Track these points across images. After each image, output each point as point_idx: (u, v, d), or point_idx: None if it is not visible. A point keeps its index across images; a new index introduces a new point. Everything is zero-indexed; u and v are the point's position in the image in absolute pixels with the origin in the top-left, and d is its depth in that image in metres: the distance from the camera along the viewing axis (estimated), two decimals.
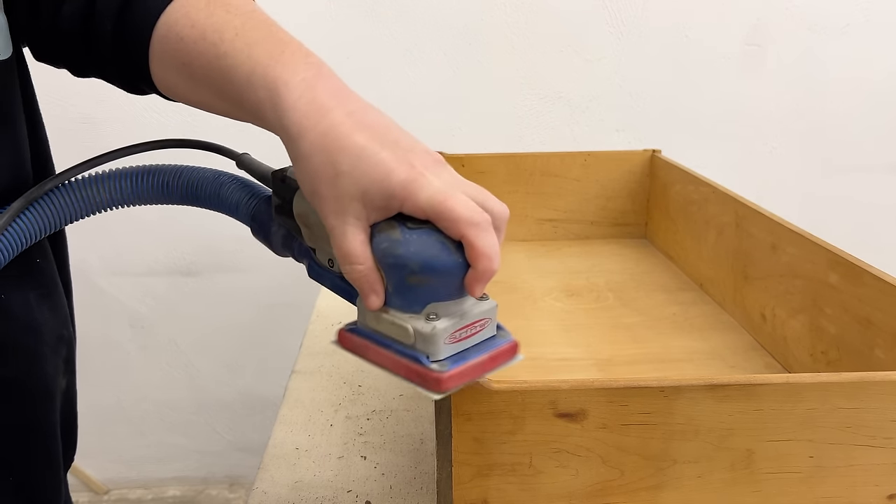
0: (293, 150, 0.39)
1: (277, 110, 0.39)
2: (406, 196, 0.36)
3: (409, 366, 0.40)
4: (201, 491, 1.68)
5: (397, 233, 0.38)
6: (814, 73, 1.37)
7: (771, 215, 0.73)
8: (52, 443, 0.52)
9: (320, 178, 0.37)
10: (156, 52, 0.44)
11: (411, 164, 0.37)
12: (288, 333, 1.52)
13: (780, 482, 0.44)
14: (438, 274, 0.38)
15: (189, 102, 0.47)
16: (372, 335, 0.42)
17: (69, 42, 0.47)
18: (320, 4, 1.29)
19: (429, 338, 0.39)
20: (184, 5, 0.43)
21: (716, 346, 0.75)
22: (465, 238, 0.36)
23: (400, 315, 0.40)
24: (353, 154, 0.37)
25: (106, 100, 1.34)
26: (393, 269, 0.38)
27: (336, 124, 0.37)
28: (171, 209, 1.41)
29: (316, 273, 0.47)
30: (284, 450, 0.65)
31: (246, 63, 0.40)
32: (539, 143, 1.39)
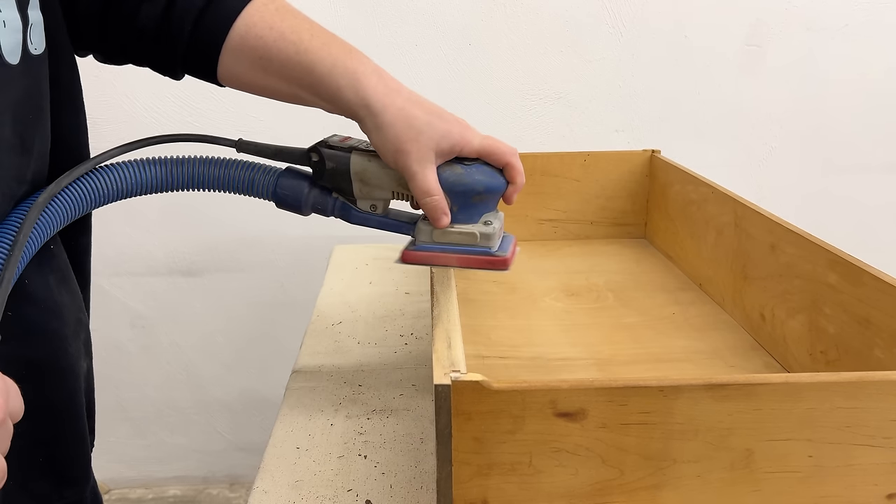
0: (378, 119, 0.52)
1: (360, 93, 0.52)
2: (465, 143, 0.55)
3: (479, 258, 0.58)
4: (202, 490, 1.68)
5: (459, 169, 0.56)
6: (813, 73, 1.37)
7: (770, 215, 0.73)
8: (79, 422, 0.55)
9: (404, 138, 0.52)
10: (230, 48, 0.54)
11: (459, 123, 0.55)
12: (288, 333, 1.52)
13: (779, 482, 0.44)
14: (494, 191, 0.57)
15: (251, 89, 0.57)
16: (435, 247, 0.58)
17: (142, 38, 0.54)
18: (320, 4, 1.29)
19: (491, 235, 0.58)
20: (258, 10, 0.54)
21: (715, 346, 0.75)
22: (509, 164, 0.56)
23: (464, 226, 0.57)
24: (424, 120, 0.53)
25: (106, 100, 1.34)
26: (462, 193, 0.56)
27: (405, 101, 0.53)
28: (172, 209, 1.42)
29: (360, 219, 0.60)
30: (285, 449, 0.65)
31: (327, 58, 0.53)
32: (539, 144, 1.39)
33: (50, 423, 0.52)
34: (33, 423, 0.50)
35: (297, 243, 1.44)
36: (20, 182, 0.48)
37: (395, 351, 0.83)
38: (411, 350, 0.83)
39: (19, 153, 0.47)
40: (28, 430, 0.49)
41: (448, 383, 0.41)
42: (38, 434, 0.51)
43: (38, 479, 0.52)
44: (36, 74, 0.48)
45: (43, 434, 0.51)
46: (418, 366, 0.80)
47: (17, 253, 0.43)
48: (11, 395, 0.35)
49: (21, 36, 0.45)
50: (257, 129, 1.34)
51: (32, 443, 0.50)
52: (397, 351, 0.83)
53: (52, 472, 0.53)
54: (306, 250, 1.45)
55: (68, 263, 0.55)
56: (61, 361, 0.52)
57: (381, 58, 1.48)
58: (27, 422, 0.46)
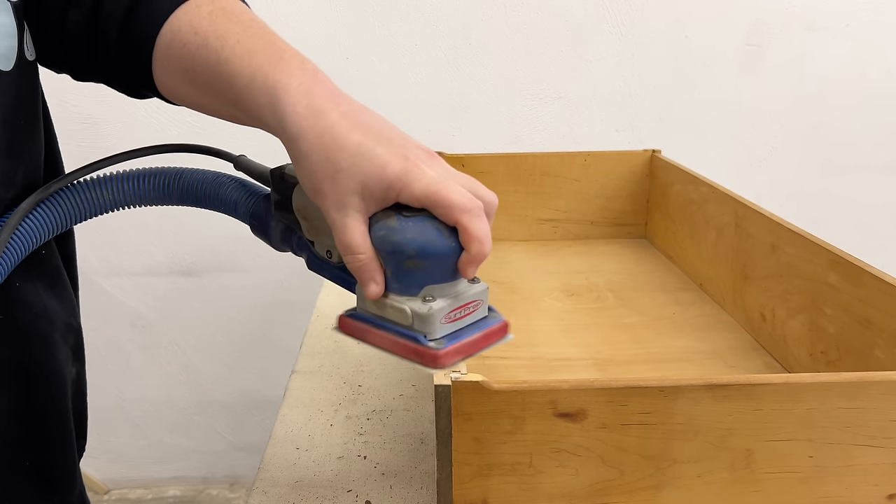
0: (293, 150, 0.41)
1: (277, 113, 0.41)
2: (402, 186, 0.39)
3: (408, 345, 0.42)
4: (201, 491, 1.68)
5: (394, 221, 0.41)
6: (813, 73, 1.37)
7: (770, 215, 0.73)
8: (66, 427, 0.54)
9: (321, 175, 0.40)
10: (159, 57, 0.46)
11: (406, 156, 0.39)
12: (288, 333, 1.52)
13: (779, 482, 0.44)
14: (433, 258, 0.41)
15: (191, 106, 0.49)
16: (371, 319, 0.45)
17: (74, 47, 0.49)
18: (321, 5, 1.29)
19: (426, 318, 0.42)
20: (187, 13, 0.46)
21: (716, 346, 0.75)
22: (459, 223, 0.39)
23: (398, 298, 0.42)
24: (350, 151, 0.39)
25: (106, 101, 1.34)
26: (391, 255, 0.41)
27: (332, 125, 0.40)
28: (172, 210, 1.42)
29: (315, 265, 0.50)
30: (284, 449, 0.65)
31: (247, 69, 0.42)
32: (539, 143, 1.39)
33: (35, 428, 0.51)
34: (18, 427, 0.49)
35: None
36: (7, 186, 0.46)
37: None
38: None
39: (6, 157, 0.46)
40: (13, 434, 0.49)
41: (448, 383, 0.41)
42: (23, 438, 0.50)
43: (23, 483, 0.51)
44: (31, 79, 0.47)
45: (28, 438, 0.51)
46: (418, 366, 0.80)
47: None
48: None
49: (16, 41, 0.44)
50: (257, 131, 1.34)
51: (17, 447, 0.50)
52: None
53: (38, 478, 0.52)
54: None
55: (61, 268, 0.54)
56: (49, 366, 0.52)
57: (381, 58, 1.49)
58: (12, 424, 0.46)
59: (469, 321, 0.44)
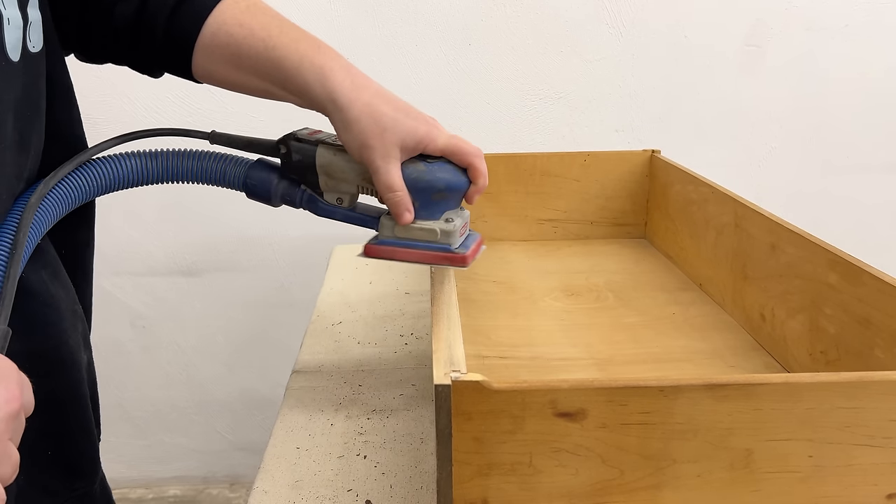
0: (344, 115, 0.53)
1: (327, 88, 0.53)
2: (430, 141, 0.55)
3: (439, 254, 0.59)
4: (202, 490, 1.68)
5: (422, 166, 0.56)
6: (813, 73, 1.37)
7: (770, 215, 0.73)
8: (84, 414, 0.56)
9: (369, 134, 0.53)
10: (202, 45, 0.55)
11: (426, 121, 0.56)
12: (288, 333, 1.52)
13: (779, 482, 0.44)
14: (455, 190, 0.57)
15: (224, 84, 0.58)
16: (398, 242, 0.59)
17: (117, 37, 0.55)
18: (321, 4, 1.29)
19: (451, 233, 0.58)
20: (229, 8, 0.55)
21: (715, 346, 0.75)
22: (471, 165, 0.57)
23: (425, 223, 0.58)
24: (390, 116, 0.53)
25: (106, 101, 1.34)
26: (423, 190, 0.57)
27: (371, 97, 0.54)
28: (172, 210, 1.42)
29: (325, 212, 0.60)
30: (285, 449, 0.65)
31: (295, 54, 0.53)
32: (539, 144, 1.39)
33: (56, 416, 0.52)
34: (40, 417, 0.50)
35: (297, 243, 1.45)
36: (20, 179, 0.48)
37: (395, 351, 0.83)
38: (411, 350, 0.83)
39: (20, 151, 0.47)
40: (35, 424, 0.50)
41: (448, 383, 0.41)
42: (45, 427, 0.51)
43: (47, 472, 0.52)
44: (34, 72, 0.48)
45: (50, 427, 0.52)
46: (418, 366, 0.80)
47: (20, 252, 0.44)
48: (25, 389, 0.36)
49: (21, 33, 0.46)
50: (258, 129, 1.33)
51: (40, 436, 0.50)
52: (397, 351, 0.83)
53: (61, 466, 0.53)
54: (306, 250, 1.45)
55: (57, 258, 0.55)
56: (62, 353, 0.53)
57: (382, 58, 1.49)
58: (34, 415, 0.47)
59: (466, 234, 0.61)
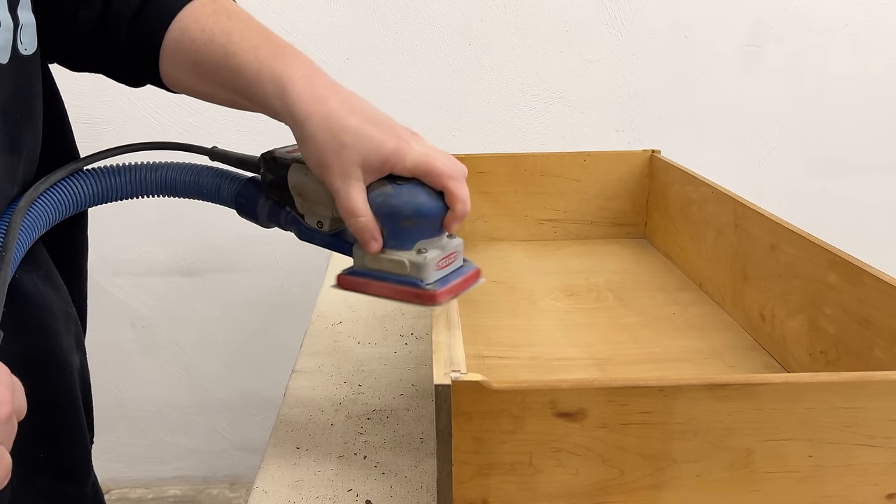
0: (301, 131, 0.48)
1: (285, 100, 0.48)
2: (397, 160, 0.47)
3: (407, 290, 0.51)
4: (202, 490, 1.68)
5: (389, 188, 0.49)
6: (813, 73, 1.37)
7: (770, 215, 0.73)
8: (76, 418, 0.55)
9: (327, 151, 0.47)
10: (167, 52, 0.51)
11: (397, 135, 0.48)
12: (288, 333, 1.52)
13: (779, 482, 0.44)
14: (425, 216, 0.49)
15: (194, 94, 0.54)
16: (369, 273, 0.52)
17: (81, 42, 0.52)
18: (321, 5, 1.29)
19: (422, 266, 0.50)
20: (193, 11, 0.51)
21: (715, 346, 0.75)
22: (445, 188, 0.48)
23: (395, 253, 0.50)
24: (351, 131, 0.47)
25: (106, 101, 1.34)
26: (389, 216, 0.49)
27: (334, 109, 0.47)
28: (172, 210, 1.42)
29: (306, 235, 0.57)
30: (285, 449, 0.65)
31: (254, 62, 0.49)
32: (539, 144, 1.39)
33: (48, 419, 0.52)
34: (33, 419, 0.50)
35: (297, 243, 1.44)
36: (13, 182, 0.48)
37: (395, 351, 0.83)
38: (411, 350, 0.83)
39: (8, 153, 0.47)
40: (28, 426, 0.50)
41: (448, 383, 0.42)
42: (38, 429, 0.51)
43: (40, 474, 0.52)
44: (26, 75, 0.48)
45: (42, 429, 0.52)
46: (418, 366, 0.80)
47: (9, 254, 0.44)
48: (17, 393, 0.36)
49: (10, 35, 0.45)
50: (258, 129, 1.34)
51: (32, 438, 0.50)
52: (397, 351, 0.83)
53: (53, 468, 0.53)
54: (306, 250, 1.44)
55: (49, 260, 0.55)
56: (56, 356, 0.53)
57: (381, 58, 1.49)
58: (27, 417, 0.46)
59: (452, 268, 0.53)
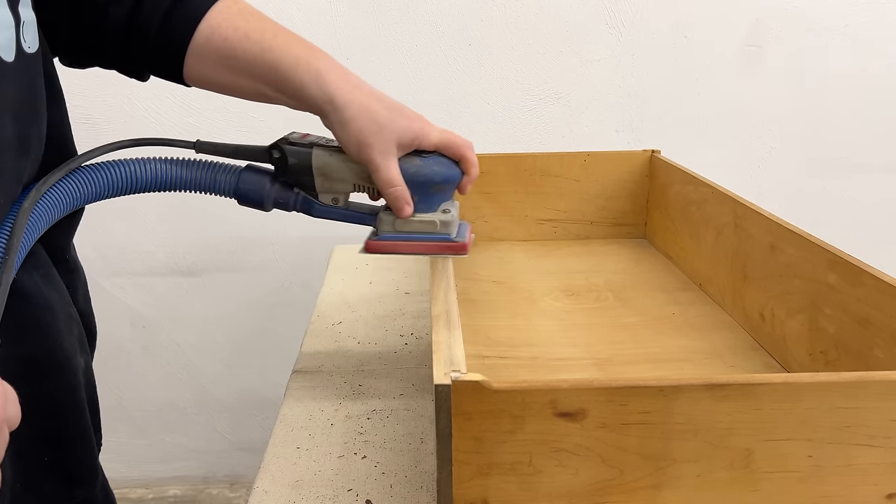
0: (341, 114, 0.55)
1: (324, 88, 0.54)
2: (424, 136, 0.58)
3: (439, 244, 0.61)
4: (202, 490, 1.68)
5: (419, 161, 0.59)
6: (813, 73, 1.37)
7: (770, 215, 0.73)
8: (82, 420, 0.55)
9: (367, 132, 0.55)
10: (195, 49, 0.55)
11: (419, 117, 0.59)
12: (288, 333, 1.52)
13: (779, 482, 0.44)
14: (450, 181, 0.60)
15: (215, 87, 0.58)
16: (398, 236, 0.61)
17: (108, 40, 0.55)
18: (321, 5, 1.29)
19: (449, 223, 0.61)
20: (221, 11, 0.55)
21: (715, 346, 0.76)
22: (464, 156, 0.60)
23: (424, 215, 0.60)
24: (385, 116, 0.56)
25: (106, 100, 1.34)
26: (421, 184, 0.59)
27: (367, 97, 0.56)
28: (172, 210, 1.42)
29: (322, 212, 0.62)
30: (285, 449, 0.65)
31: (290, 56, 0.55)
32: (539, 144, 1.39)
33: (52, 422, 0.52)
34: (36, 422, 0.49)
35: (297, 243, 1.45)
36: (19, 183, 0.48)
37: (395, 351, 0.83)
38: (411, 350, 0.83)
39: (20, 154, 0.47)
40: (30, 429, 0.49)
41: (448, 383, 0.42)
42: (41, 432, 0.50)
43: (45, 479, 0.52)
44: (31, 72, 0.48)
45: (46, 432, 0.51)
46: (418, 366, 0.80)
47: (13, 258, 0.43)
48: (9, 402, 0.35)
49: (13, 33, 0.45)
50: (258, 129, 1.34)
51: (36, 442, 0.50)
52: (397, 351, 0.83)
53: (59, 472, 0.53)
54: (306, 250, 1.45)
55: (49, 260, 0.55)
56: (58, 357, 0.52)
57: (381, 58, 1.49)
58: (29, 420, 0.46)
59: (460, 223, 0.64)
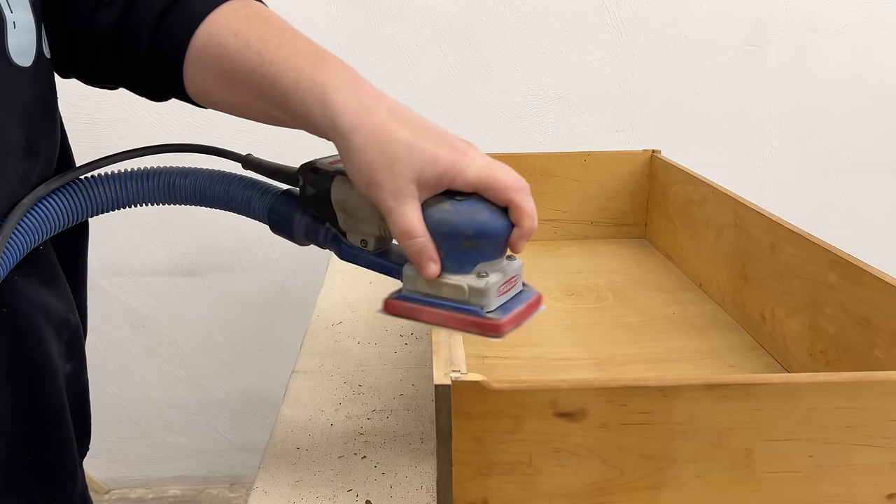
0: (346, 144, 0.43)
1: (327, 111, 0.43)
2: (456, 174, 0.42)
3: (466, 318, 0.45)
4: (202, 490, 1.68)
5: (448, 205, 0.44)
6: (813, 73, 1.37)
7: (770, 215, 0.73)
8: (63, 424, 0.54)
9: (377, 166, 0.42)
10: (193, 58, 0.47)
11: (454, 146, 0.43)
12: (288, 333, 1.52)
13: (779, 482, 0.44)
14: (489, 236, 0.44)
15: (222, 107, 0.50)
16: (422, 298, 0.47)
17: (99, 48, 0.49)
18: (321, 5, 1.29)
19: (483, 292, 0.45)
20: (224, 16, 0.47)
21: (715, 346, 0.75)
22: (512, 202, 0.43)
23: (453, 277, 0.45)
24: (403, 144, 0.42)
25: (106, 101, 1.34)
26: (448, 236, 0.44)
27: (382, 120, 0.43)
28: (173, 210, 1.42)
29: (349, 255, 0.51)
30: (285, 449, 0.65)
31: (293, 70, 0.44)
32: (539, 143, 1.39)
33: (33, 423, 0.51)
34: (20, 422, 0.49)
35: None
36: (25, 185, 0.47)
37: (395, 351, 0.83)
38: (411, 350, 0.83)
39: (26, 157, 0.46)
40: (15, 429, 0.49)
41: (448, 383, 0.41)
42: (24, 433, 0.50)
43: (27, 479, 0.51)
44: (47, 77, 0.47)
45: (29, 433, 0.51)
46: (418, 366, 0.80)
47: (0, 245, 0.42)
48: None
49: (35, 37, 0.44)
50: (257, 130, 1.34)
51: (19, 441, 0.50)
52: (397, 351, 0.83)
53: (40, 473, 0.52)
54: (306, 250, 1.44)
55: (56, 265, 0.54)
56: (40, 359, 0.51)
57: (381, 58, 1.49)
58: (15, 422, 0.46)
59: (513, 293, 0.47)
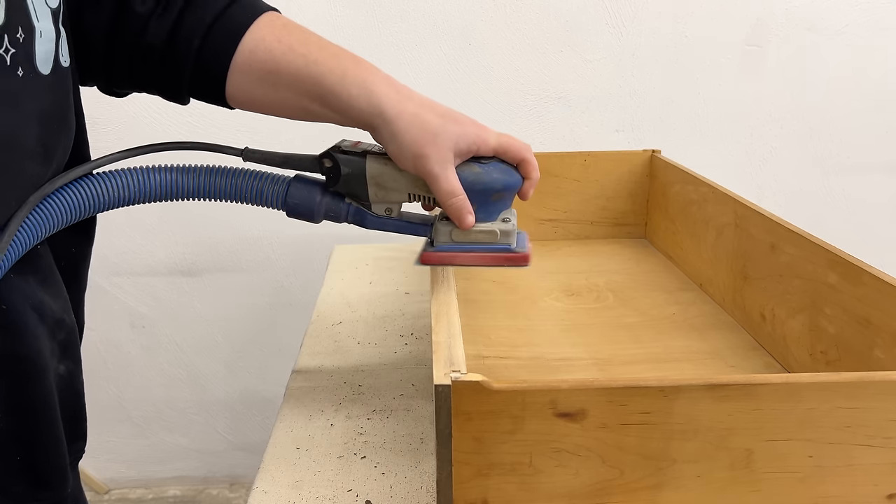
0: (392, 126, 0.53)
1: (373, 100, 0.53)
2: (482, 142, 0.56)
3: (499, 255, 0.59)
4: (202, 490, 1.68)
5: (477, 168, 0.56)
6: (814, 73, 1.37)
7: (770, 215, 0.73)
8: (53, 424, 0.54)
9: (422, 142, 0.53)
10: (239, 63, 0.54)
11: (473, 123, 0.56)
12: (288, 333, 1.52)
13: (779, 482, 0.44)
14: (512, 188, 0.58)
15: (261, 107, 0.57)
16: (454, 247, 0.59)
17: (145, 58, 0.54)
18: (321, 5, 1.29)
19: (510, 233, 0.59)
20: (265, 25, 0.54)
21: (715, 346, 0.75)
22: (524, 160, 0.57)
23: (484, 225, 0.58)
24: (438, 124, 0.54)
25: (107, 100, 1.33)
26: (481, 192, 0.57)
27: (416, 106, 0.54)
28: (173, 210, 1.42)
29: (376, 223, 0.60)
30: (285, 449, 0.65)
31: (337, 69, 0.53)
32: (539, 144, 1.39)
33: (23, 422, 0.51)
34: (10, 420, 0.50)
35: (297, 243, 1.45)
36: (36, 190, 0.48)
37: (395, 351, 0.83)
38: (411, 350, 0.83)
39: (41, 162, 0.47)
40: (6, 429, 0.49)
41: (448, 383, 0.41)
42: (14, 431, 0.50)
43: (15, 477, 0.52)
44: (65, 85, 0.48)
45: (18, 431, 0.51)
46: (418, 366, 0.80)
47: (1, 253, 0.43)
48: None
49: (54, 46, 0.45)
50: (260, 130, 1.34)
51: (8, 439, 0.50)
52: (397, 351, 0.83)
53: (28, 473, 0.52)
54: (306, 250, 1.45)
55: (53, 266, 0.54)
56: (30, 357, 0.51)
57: (382, 57, 1.49)
58: (6, 419, 0.46)
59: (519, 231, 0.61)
